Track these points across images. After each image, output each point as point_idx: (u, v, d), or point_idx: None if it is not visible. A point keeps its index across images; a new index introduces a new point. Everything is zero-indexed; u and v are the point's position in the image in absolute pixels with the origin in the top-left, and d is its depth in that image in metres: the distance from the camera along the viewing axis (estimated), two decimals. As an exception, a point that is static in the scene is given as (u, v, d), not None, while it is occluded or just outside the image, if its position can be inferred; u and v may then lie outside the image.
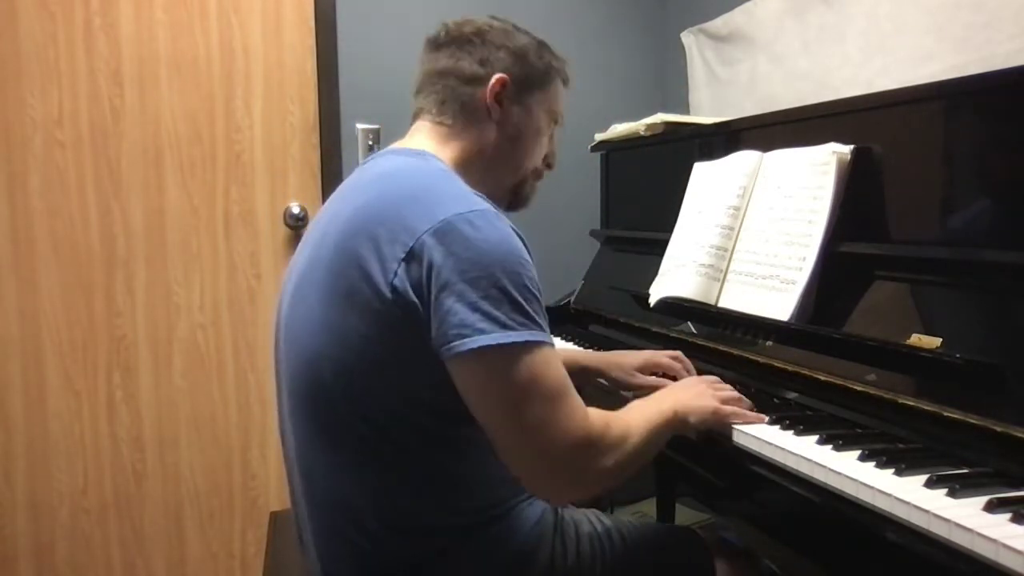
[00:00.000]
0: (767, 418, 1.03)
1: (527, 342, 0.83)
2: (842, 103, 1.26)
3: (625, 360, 1.28)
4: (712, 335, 1.34)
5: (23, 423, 1.93)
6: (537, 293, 0.87)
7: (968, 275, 0.97)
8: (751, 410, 1.04)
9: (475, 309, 0.81)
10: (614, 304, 1.69)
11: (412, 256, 0.83)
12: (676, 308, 1.41)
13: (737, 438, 1.01)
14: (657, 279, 1.49)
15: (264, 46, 2.08)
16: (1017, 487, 0.77)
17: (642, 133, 1.77)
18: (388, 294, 0.84)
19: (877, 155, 1.15)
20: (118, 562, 2.03)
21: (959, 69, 1.36)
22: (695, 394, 1.04)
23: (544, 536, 1.00)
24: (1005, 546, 0.65)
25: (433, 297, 0.82)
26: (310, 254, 0.96)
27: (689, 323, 1.43)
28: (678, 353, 1.27)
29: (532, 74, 1.06)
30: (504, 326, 0.81)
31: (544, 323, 0.86)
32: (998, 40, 1.41)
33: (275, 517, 1.50)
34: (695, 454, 1.17)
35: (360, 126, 2.19)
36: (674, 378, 1.22)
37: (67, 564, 1.99)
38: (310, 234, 1.01)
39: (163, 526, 2.07)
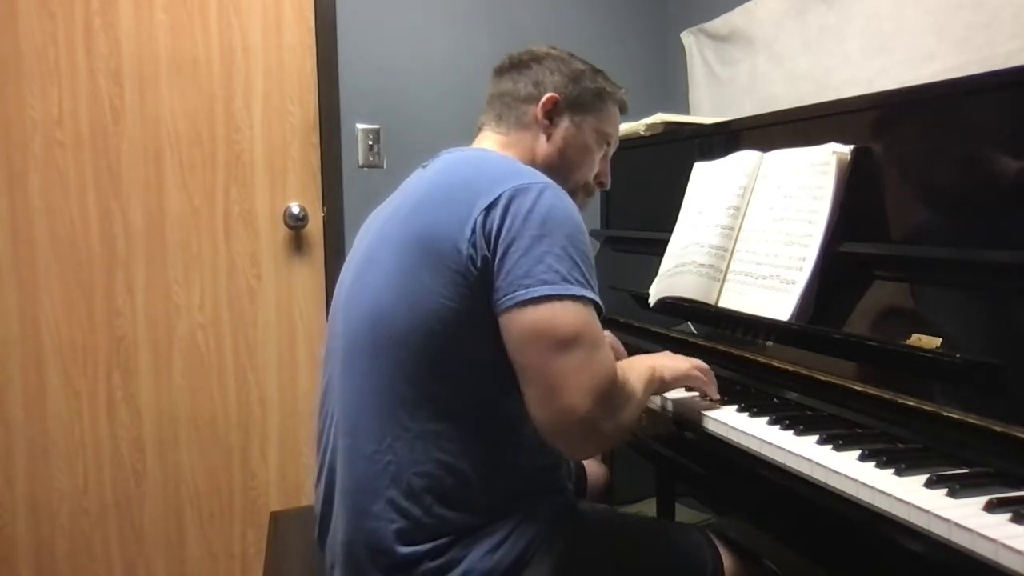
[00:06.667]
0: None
1: (584, 296, 0.91)
2: (842, 103, 1.26)
3: None
4: (712, 335, 1.34)
5: (23, 423, 1.93)
6: (592, 262, 0.96)
7: (968, 275, 0.97)
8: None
9: (539, 262, 0.90)
10: (614, 304, 1.69)
11: (489, 212, 0.92)
12: (676, 308, 1.41)
13: (737, 437, 1.01)
14: (657, 279, 1.49)
15: (264, 46, 2.08)
16: (1017, 487, 0.77)
17: (642, 133, 1.77)
18: (466, 250, 0.92)
19: (877, 155, 1.15)
20: (118, 562, 2.04)
21: (959, 69, 1.36)
22: (669, 356, 1.14)
23: (561, 526, 1.02)
24: (1005, 546, 0.65)
25: (501, 253, 0.91)
26: (381, 227, 1.04)
27: (689, 323, 1.43)
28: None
29: (584, 95, 1.16)
30: (565, 279, 0.90)
31: (596, 288, 0.95)
32: (998, 40, 1.41)
33: (275, 517, 1.50)
34: (696, 455, 1.17)
35: (360, 126, 2.19)
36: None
37: (67, 564, 1.99)
38: (378, 214, 1.11)
39: (163, 526, 2.07)
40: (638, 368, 1.04)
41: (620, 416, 0.94)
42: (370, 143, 2.20)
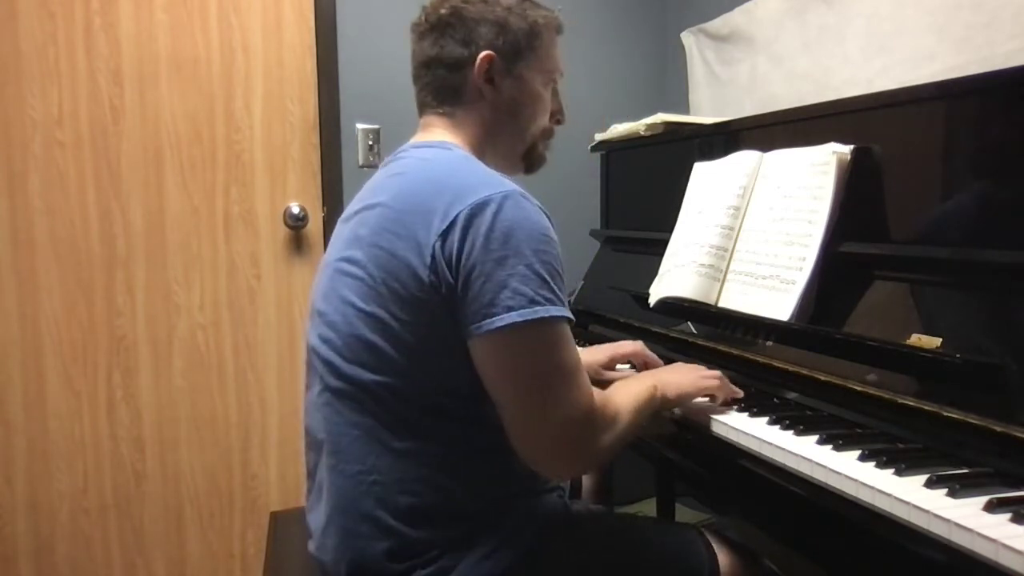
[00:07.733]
0: (742, 392, 1.11)
1: (553, 317, 0.88)
2: (842, 103, 1.26)
3: (592, 359, 1.33)
4: (712, 335, 1.34)
5: (23, 423, 1.93)
6: (560, 270, 0.91)
7: (968, 275, 0.97)
8: (732, 394, 1.11)
9: (504, 287, 0.86)
10: (614, 304, 1.69)
11: (447, 237, 0.88)
12: (676, 308, 1.41)
13: (737, 437, 1.01)
14: (657, 279, 1.49)
15: (264, 46, 2.08)
16: (1017, 487, 0.77)
17: (642, 133, 1.77)
18: (427, 277, 0.88)
19: (877, 155, 1.15)
20: (118, 562, 2.03)
21: (959, 69, 1.36)
22: (675, 370, 1.11)
23: (554, 530, 1.01)
24: (1005, 546, 0.65)
25: (463, 279, 0.87)
26: (346, 246, 0.99)
27: (689, 323, 1.43)
28: (639, 343, 1.36)
29: (517, 40, 1.05)
30: (532, 301, 0.86)
31: (565, 299, 0.91)
32: (998, 40, 1.41)
33: (275, 517, 1.50)
34: (695, 455, 1.17)
35: (360, 126, 2.19)
36: (644, 367, 1.31)
37: (67, 564, 1.99)
38: (340, 232, 1.05)
39: (163, 526, 2.07)
40: (633, 389, 1.02)
41: (598, 442, 0.93)
42: (370, 143, 2.20)
